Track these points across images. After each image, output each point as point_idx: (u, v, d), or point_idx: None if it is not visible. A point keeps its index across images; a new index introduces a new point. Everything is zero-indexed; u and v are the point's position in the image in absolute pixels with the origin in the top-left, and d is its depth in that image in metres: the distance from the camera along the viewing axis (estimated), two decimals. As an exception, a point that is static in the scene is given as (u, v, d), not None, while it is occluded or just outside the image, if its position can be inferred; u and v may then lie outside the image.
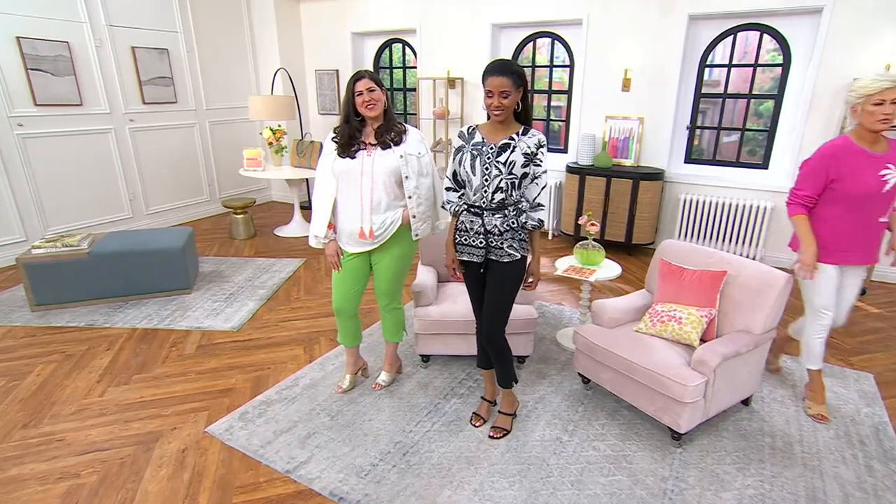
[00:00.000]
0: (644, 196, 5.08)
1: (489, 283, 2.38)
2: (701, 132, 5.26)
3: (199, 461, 2.40)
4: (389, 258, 2.67)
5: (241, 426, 2.63)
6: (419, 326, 3.00)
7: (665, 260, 2.91)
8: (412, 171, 2.53)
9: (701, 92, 5.11)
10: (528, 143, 2.23)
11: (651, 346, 2.59)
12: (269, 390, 2.94)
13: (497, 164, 2.20)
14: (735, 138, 5.15)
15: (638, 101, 5.24)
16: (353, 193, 2.54)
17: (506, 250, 2.28)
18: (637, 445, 2.51)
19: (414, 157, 2.54)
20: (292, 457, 2.42)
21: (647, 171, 5.08)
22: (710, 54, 4.99)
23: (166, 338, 3.53)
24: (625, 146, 5.41)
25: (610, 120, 5.43)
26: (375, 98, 2.46)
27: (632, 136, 5.35)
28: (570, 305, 4.09)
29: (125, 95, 5.57)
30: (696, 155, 5.33)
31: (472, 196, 2.27)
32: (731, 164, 5.15)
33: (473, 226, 2.30)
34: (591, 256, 3.34)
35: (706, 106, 5.21)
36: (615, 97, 5.35)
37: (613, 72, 5.28)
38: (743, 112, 5.03)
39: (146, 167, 5.91)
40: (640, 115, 5.27)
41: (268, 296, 4.22)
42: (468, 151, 2.26)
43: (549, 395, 2.91)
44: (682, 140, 5.30)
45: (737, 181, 4.99)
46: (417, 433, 2.59)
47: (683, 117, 5.22)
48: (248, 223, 5.82)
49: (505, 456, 2.44)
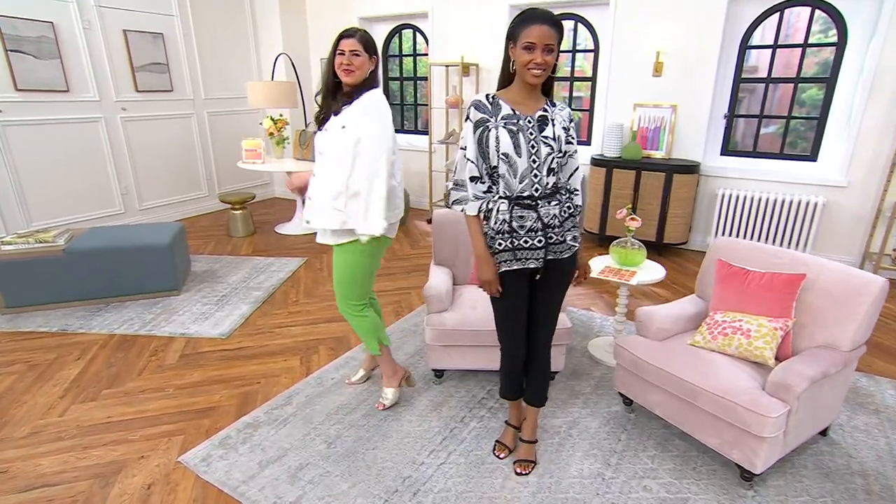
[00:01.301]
0: (678, 191, 4.62)
1: (545, 289, 1.96)
2: (737, 122, 4.78)
3: (167, 500, 1.98)
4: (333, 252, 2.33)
5: (221, 455, 2.21)
6: (431, 337, 2.57)
7: (723, 260, 2.46)
8: (328, 146, 2.15)
9: (741, 77, 4.63)
10: (562, 115, 1.83)
11: (713, 364, 2.14)
12: (257, 409, 2.52)
13: (545, 140, 1.78)
14: (773, 129, 4.67)
15: (671, 88, 4.78)
16: None
17: (568, 243, 1.88)
18: (697, 486, 2.06)
19: (336, 131, 2.13)
20: (279, 496, 2.00)
21: (682, 164, 4.61)
22: (751, 36, 4.51)
23: (146, 345, 3.13)
24: (655, 137, 4.94)
25: (639, 108, 4.97)
26: (357, 65, 2.09)
27: (663, 126, 4.88)
28: (600, 311, 3.64)
29: (116, 82, 5.19)
30: (734, 147, 4.85)
31: (517, 184, 1.79)
32: (773, 155, 4.67)
33: (526, 222, 1.81)
34: (630, 256, 2.89)
35: (742, 95, 4.72)
36: (645, 83, 4.88)
37: (644, 55, 4.82)
38: (783, 100, 4.54)
39: (140, 160, 5.53)
40: (673, 102, 4.80)
41: (263, 298, 3.80)
42: (499, 127, 1.77)
43: (585, 419, 2.47)
44: (719, 130, 4.82)
45: (782, 174, 4.50)
46: (430, 465, 2.16)
47: (721, 105, 4.75)
48: (247, 220, 5.42)
49: (537, 497, 2.00)
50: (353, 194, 2.13)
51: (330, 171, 2.15)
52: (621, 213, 2.88)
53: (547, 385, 2.15)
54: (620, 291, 2.96)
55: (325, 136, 2.17)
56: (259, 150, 5.32)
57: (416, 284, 4.09)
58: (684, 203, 4.66)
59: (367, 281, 2.36)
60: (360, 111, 2.11)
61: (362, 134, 2.08)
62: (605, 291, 4.01)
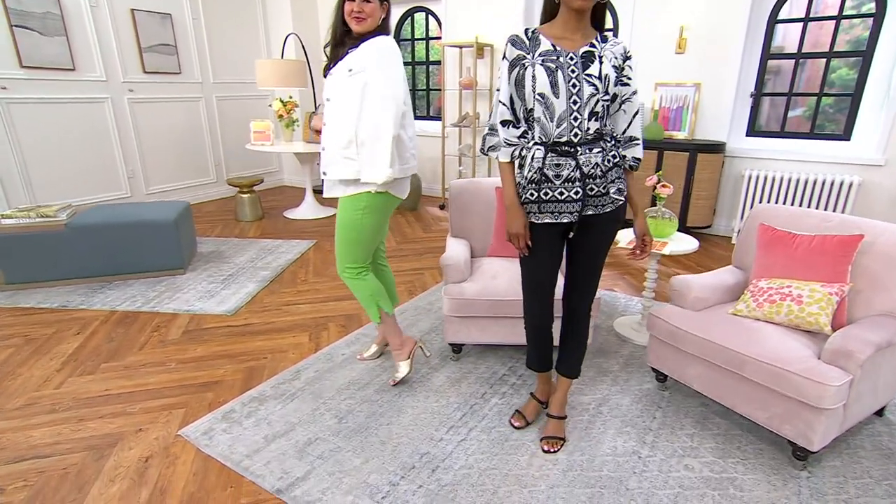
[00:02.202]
0: (702, 172, 4.42)
1: (583, 250, 1.78)
2: (762, 104, 4.56)
3: (165, 473, 1.82)
4: (338, 207, 2.17)
5: (225, 428, 2.05)
6: (449, 308, 2.40)
7: (766, 224, 2.27)
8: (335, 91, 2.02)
9: (769, 53, 4.42)
10: (614, 52, 1.62)
11: (760, 333, 1.95)
12: (263, 384, 2.36)
13: (589, 79, 1.58)
14: (800, 111, 4.45)
15: (694, 65, 4.58)
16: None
17: (611, 196, 1.69)
18: (744, 465, 1.87)
19: (343, 75, 1.99)
20: (286, 471, 1.83)
21: (706, 143, 4.41)
22: (780, 9, 4.31)
23: (148, 321, 2.98)
24: (677, 117, 4.74)
25: (661, 88, 4.77)
26: (368, 11, 1.95)
27: (686, 106, 4.68)
28: (622, 291, 3.45)
29: (124, 62, 5.06)
30: (759, 128, 4.63)
31: (554, 128, 1.61)
32: (803, 135, 4.45)
33: (561, 170, 1.63)
34: (660, 227, 2.71)
35: (768, 76, 4.50)
36: (668, 61, 4.69)
37: (666, 31, 4.62)
38: (812, 80, 4.32)
39: (147, 142, 5.40)
40: (697, 80, 4.60)
41: (271, 277, 3.65)
42: (536, 65, 1.59)
43: (615, 397, 2.28)
44: (745, 109, 4.61)
45: (813, 154, 4.29)
46: (449, 442, 1.98)
47: (747, 84, 4.54)
48: (255, 204, 5.27)
49: (568, 475, 1.82)
50: (361, 142, 2.00)
51: (338, 117, 2.01)
52: (651, 179, 2.70)
53: (582, 356, 1.97)
54: (649, 266, 2.78)
55: (330, 82, 2.02)
56: (268, 131, 5.18)
57: (429, 266, 3.92)
58: (708, 184, 4.45)
59: (371, 242, 2.19)
60: (367, 55, 1.95)
61: (370, 79, 1.94)
62: (627, 273, 3.82)
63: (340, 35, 2.04)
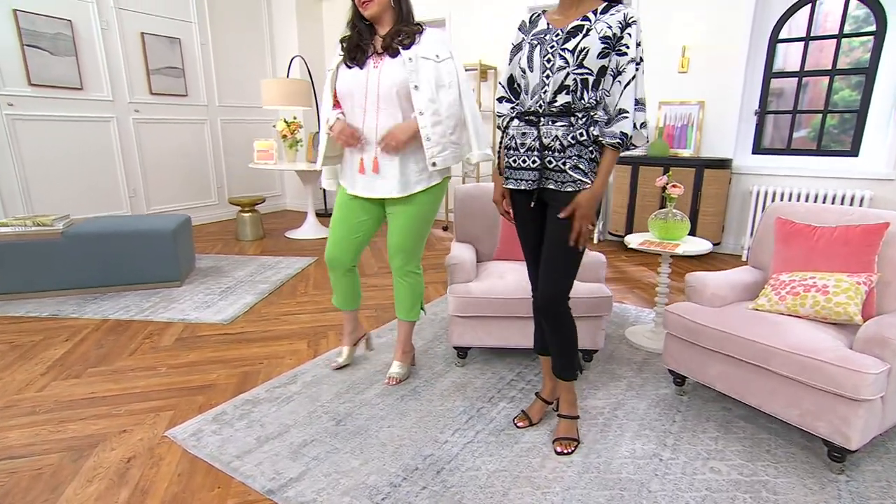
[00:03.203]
0: (709, 187, 4.36)
1: (547, 226, 1.69)
2: (766, 125, 4.54)
3: (148, 474, 1.68)
4: (409, 204, 2.07)
5: (215, 430, 1.92)
6: (454, 307, 2.29)
7: (784, 218, 2.18)
8: (424, 79, 1.94)
9: (771, 72, 4.43)
10: (609, 22, 1.55)
11: (785, 326, 1.83)
12: (258, 388, 2.23)
13: (562, 53, 1.55)
14: (805, 132, 4.43)
15: (697, 84, 4.59)
16: (357, 117, 2.02)
17: (569, 174, 1.60)
18: (776, 469, 1.72)
19: (429, 62, 1.95)
20: (279, 471, 1.69)
21: (712, 159, 4.36)
22: (781, 29, 4.34)
23: (140, 329, 2.86)
24: (682, 135, 4.72)
25: (665, 107, 4.77)
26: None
27: (690, 123, 4.67)
28: (633, 304, 3.33)
29: (131, 83, 5.11)
30: (765, 147, 4.60)
31: (529, 101, 1.64)
32: (810, 152, 4.41)
33: (526, 139, 1.65)
34: (672, 229, 2.62)
35: (770, 98, 4.50)
36: (670, 80, 4.70)
37: (669, 50, 4.65)
38: (815, 101, 4.31)
39: (150, 162, 5.39)
40: (701, 98, 4.60)
41: (270, 290, 3.55)
42: (527, 43, 1.64)
43: (630, 401, 2.14)
44: (750, 127, 4.59)
45: (821, 170, 4.23)
46: (455, 444, 1.84)
47: (750, 102, 4.54)
48: (257, 223, 5.21)
49: (584, 477, 1.67)
50: (465, 124, 2.06)
51: (438, 105, 1.96)
52: (661, 180, 2.63)
53: (567, 355, 1.79)
54: (661, 270, 2.67)
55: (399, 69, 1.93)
56: (271, 150, 5.17)
57: (432, 280, 3.82)
58: (716, 200, 4.38)
59: None
60: (440, 42, 1.99)
61: (453, 63, 2.00)
62: (637, 287, 3.71)
63: (364, 30, 1.99)
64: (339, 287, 2.26)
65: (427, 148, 1.99)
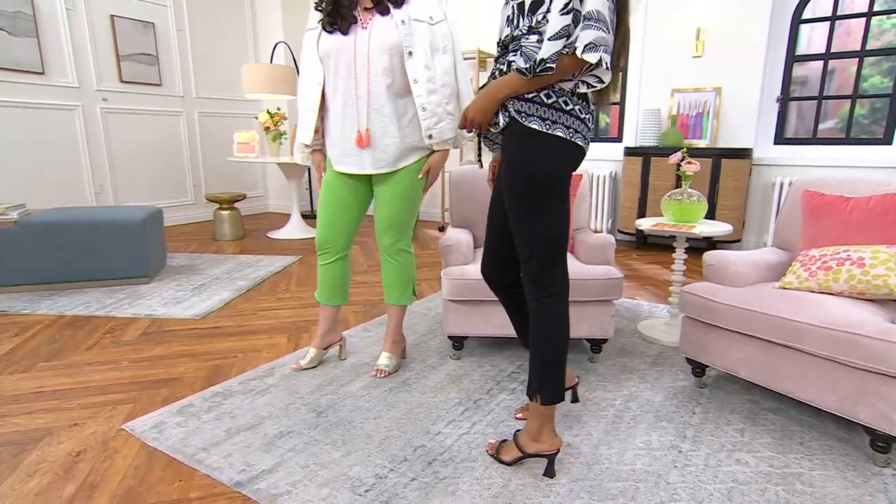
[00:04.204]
0: (727, 179, 4.33)
1: None
2: (790, 115, 4.53)
3: (99, 468, 1.60)
4: (397, 177, 2.04)
5: (179, 422, 1.84)
6: (449, 290, 2.23)
7: (812, 191, 2.13)
8: (419, 43, 1.92)
9: (794, 55, 4.43)
10: None
11: (817, 302, 1.77)
12: (231, 380, 2.16)
13: None
14: (832, 123, 4.41)
15: (713, 68, 4.59)
16: (343, 83, 1.97)
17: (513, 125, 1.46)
18: (810, 461, 1.66)
19: (423, 25, 1.94)
20: (249, 463, 1.61)
21: (731, 149, 4.34)
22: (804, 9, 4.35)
23: (101, 325, 2.79)
24: (697, 124, 4.71)
25: (678, 94, 4.77)
26: None
27: (706, 112, 4.66)
28: (645, 300, 3.27)
29: (99, 69, 5.09)
30: (787, 137, 4.58)
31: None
32: (838, 141, 4.39)
33: None
34: (687, 210, 2.57)
35: (793, 87, 4.49)
36: (684, 65, 4.70)
37: (681, 33, 4.66)
38: (844, 88, 4.31)
39: (119, 156, 5.35)
40: (717, 84, 4.59)
41: (248, 287, 3.48)
42: None
43: (644, 393, 2.08)
44: (772, 116, 4.58)
45: (851, 160, 4.21)
46: (449, 436, 1.77)
47: (772, 88, 4.53)
48: (236, 222, 5.16)
49: (594, 468, 1.60)
50: (455, 93, 2.05)
51: (434, 71, 1.95)
52: (675, 156, 2.59)
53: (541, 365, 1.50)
54: (676, 255, 2.63)
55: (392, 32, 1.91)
56: (253, 142, 5.14)
57: (426, 277, 3.77)
58: (735, 193, 4.35)
59: None
60: (429, 1, 1.97)
61: (447, 25, 1.99)
62: (650, 283, 3.66)
63: None
64: (327, 277, 2.20)
65: (423, 119, 1.97)
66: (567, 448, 1.71)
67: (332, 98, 2.01)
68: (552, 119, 1.39)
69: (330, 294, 2.22)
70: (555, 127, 1.39)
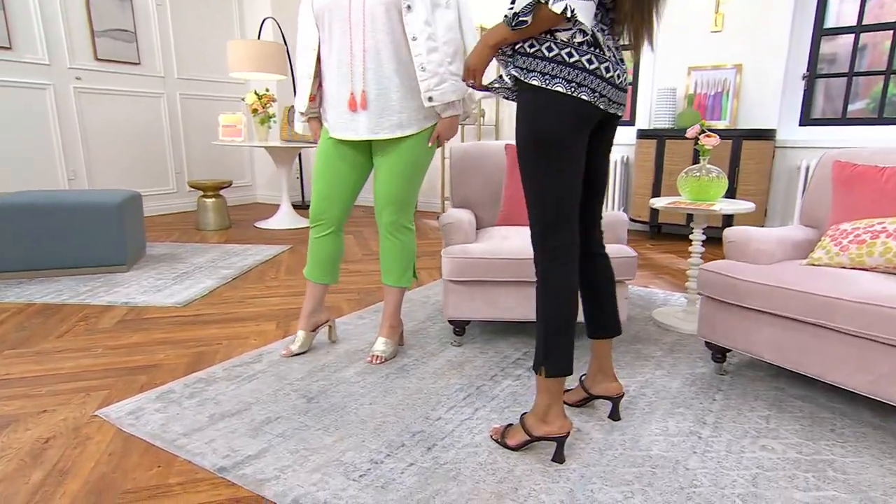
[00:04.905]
0: (748, 162, 4.31)
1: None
2: (816, 93, 4.50)
3: (70, 454, 1.58)
4: (400, 146, 2.03)
5: (158, 408, 1.83)
6: (449, 270, 2.21)
7: (843, 161, 2.12)
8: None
9: (822, 29, 4.42)
10: None
11: (849, 278, 1.76)
12: (215, 366, 2.15)
13: None
14: (862, 104, 4.40)
15: (734, 44, 4.57)
16: (337, 42, 1.96)
17: None
18: (843, 448, 1.64)
19: None
20: (234, 449, 1.60)
21: (753, 130, 4.32)
22: (831, -22, 4.34)
23: (74, 312, 2.77)
24: (716, 104, 4.69)
25: (695, 72, 4.75)
26: None
27: (725, 91, 4.64)
28: (659, 288, 3.26)
29: (71, 46, 5.07)
30: (814, 118, 4.56)
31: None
32: (870, 121, 4.37)
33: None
34: (705, 187, 2.56)
35: (822, 64, 4.47)
36: (702, 41, 4.69)
37: (700, 6, 4.64)
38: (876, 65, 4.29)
39: (94, 140, 5.34)
40: (737, 62, 4.58)
41: (234, 275, 3.46)
42: None
43: (660, 380, 2.06)
44: (797, 95, 4.56)
45: (886, 141, 4.19)
46: (450, 421, 1.75)
47: (797, 65, 4.51)
48: (221, 210, 5.14)
49: (606, 454, 1.58)
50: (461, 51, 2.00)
51: (434, 28, 1.92)
52: (694, 129, 2.57)
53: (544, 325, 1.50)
54: (694, 235, 2.61)
55: None
56: (239, 125, 5.13)
57: (425, 266, 3.75)
58: (757, 178, 4.34)
59: None
60: None
61: None
62: (664, 272, 3.64)
63: None
64: (318, 251, 2.18)
65: (422, 80, 1.94)
66: (577, 433, 1.69)
67: (326, 60, 2.00)
68: (552, 73, 1.39)
69: (320, 271, 2.20)
70: (554, 82, 1.39)
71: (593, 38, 1.40)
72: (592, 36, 1.40)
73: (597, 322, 1.71)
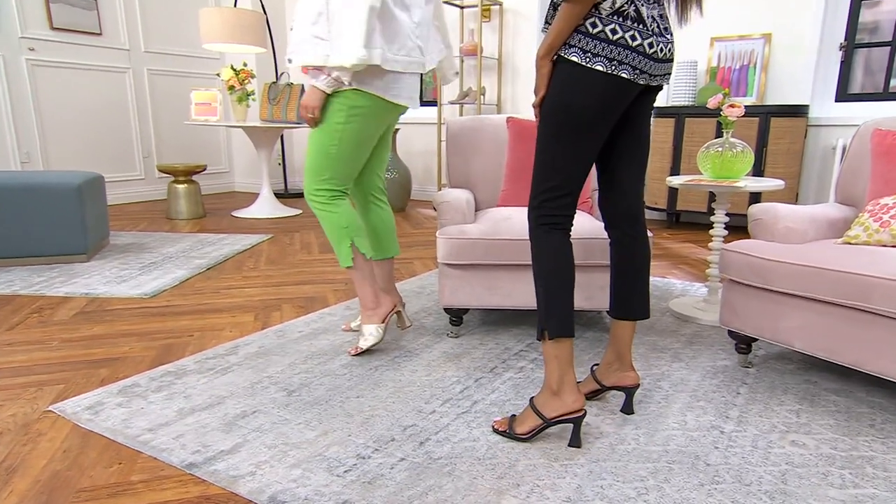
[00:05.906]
0: (778, 142, 4.31)
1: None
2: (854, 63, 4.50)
3: (18, 451, 1.58)
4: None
5: (121, 402, 1.82)
6: (445, 252, 2.20)
7: (884, 129, 2.11)
8: None
9: (857, -7, 4.42)
10: None
11: (890, 257, 1.75)
12: (185, 359, 2.15)
13: None
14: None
15: (762, 12, 4.57)
16: None
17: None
18: (883, 444, 1.64)
19: None
20: (205, 444, 1.59)
21: (782, 106, 4.32)
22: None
23: (27, 304, 2.77)
24: (741, 78, 4.69)
25: (718, 43, 4.75)
26: None
27: (752, 63, 4.64)
28: (677, 279, 3.26)
29: (23, 12, 5.03)
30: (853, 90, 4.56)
31: None
32: (909, 96, 4.37)
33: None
34: (729, 164, 2.55)
35: (861, 35, 4.46)
36: (726, 8, 4.69)
37: (724, -31, 4.65)
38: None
39: (51, 119, 5.32)
40: (766, 31, 4.58)
41: (208, 265, 3.45)
42: None
43: (678, 372, 2.07)
44: (833, 67, 4.55)
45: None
46: (445, 415, 1.75)
47: (833, 34, 4.50)
48: (195, 197, 5.12)
49: (618, 448, 1.58)
50: (332, 14, 1.91)
51: None
52: (716, 98, 2.56)
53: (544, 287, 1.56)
54: (716, 218, 2.60)
55: None
56: (214, 103, 5.11)
57: (419, 255, 3.77)
58: (787, 158, 4.33)
59: (352, 159, 2.09)
60: None
61: None
62: (682, 262, 3.65)
63: None
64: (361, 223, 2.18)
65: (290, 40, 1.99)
66: (585, 427, 1.68)
67: None
68: (593, 51, 1.43)
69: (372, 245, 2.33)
70: (595, 60, 1.43)
71: (636, 13, 1.43)
72: (636, 10, 1.42)
73: (625, 302, 1.72)
